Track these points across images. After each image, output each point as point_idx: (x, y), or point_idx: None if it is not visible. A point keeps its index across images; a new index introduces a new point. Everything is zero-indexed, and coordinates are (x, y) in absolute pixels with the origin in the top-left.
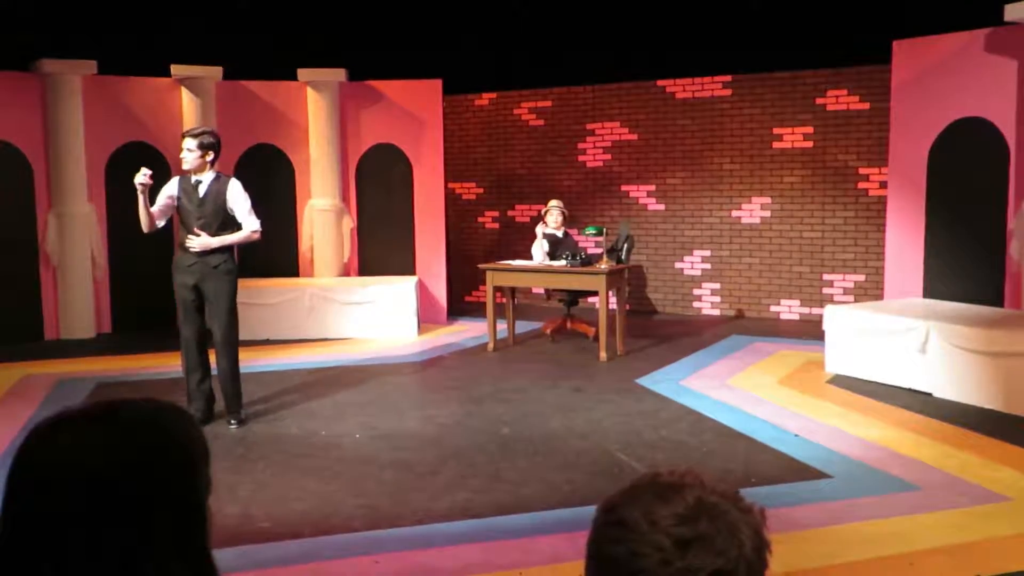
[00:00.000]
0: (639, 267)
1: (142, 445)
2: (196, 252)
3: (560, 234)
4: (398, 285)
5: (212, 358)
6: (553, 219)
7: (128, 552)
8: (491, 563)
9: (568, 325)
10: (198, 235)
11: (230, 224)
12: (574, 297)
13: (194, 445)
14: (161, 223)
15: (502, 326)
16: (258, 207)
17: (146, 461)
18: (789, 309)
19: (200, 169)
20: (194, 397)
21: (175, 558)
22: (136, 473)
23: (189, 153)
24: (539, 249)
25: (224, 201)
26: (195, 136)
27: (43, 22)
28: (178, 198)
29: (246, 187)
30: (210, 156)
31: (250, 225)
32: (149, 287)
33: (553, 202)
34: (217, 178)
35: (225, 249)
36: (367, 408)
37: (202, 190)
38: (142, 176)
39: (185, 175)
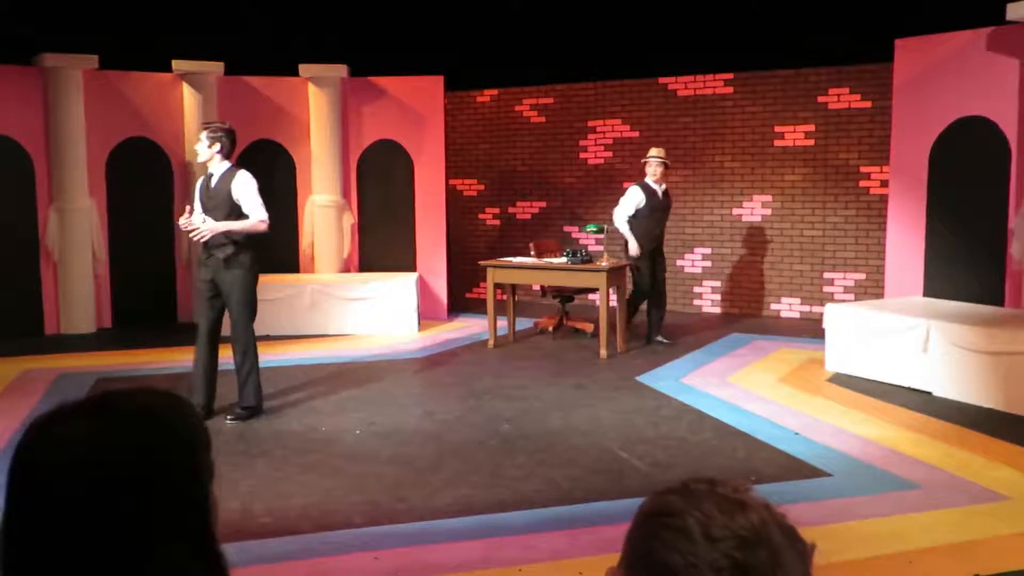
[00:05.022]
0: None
1: (141, 435)
2: (211, 246)
3: (661, 191)
4: (399, 281)
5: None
6: (652, 171)
7: (131, 543)
8: (491, 559)
9: (565, 322)
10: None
11: (239, 216)
12: (569, 293)
13: (194, 433)
14: None
15: (502, 323)
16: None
17: (146, 451)
18: (790, 307)
19: (210, 160)
20: (195, 388)
21: (180, 547)
22: (136, 463)
23: (199, 144)
24: (625, 214)
25: (229, 191)
26: (204, 128)
27: (45, 16)
28: (200, 191)
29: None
30: (216, 147)
31: (256, 215)
32: (149, 282)
33: (653, 151)
34: (229, 170)
35: (237, 243)
36: (367, 404)
37: (214, 182)
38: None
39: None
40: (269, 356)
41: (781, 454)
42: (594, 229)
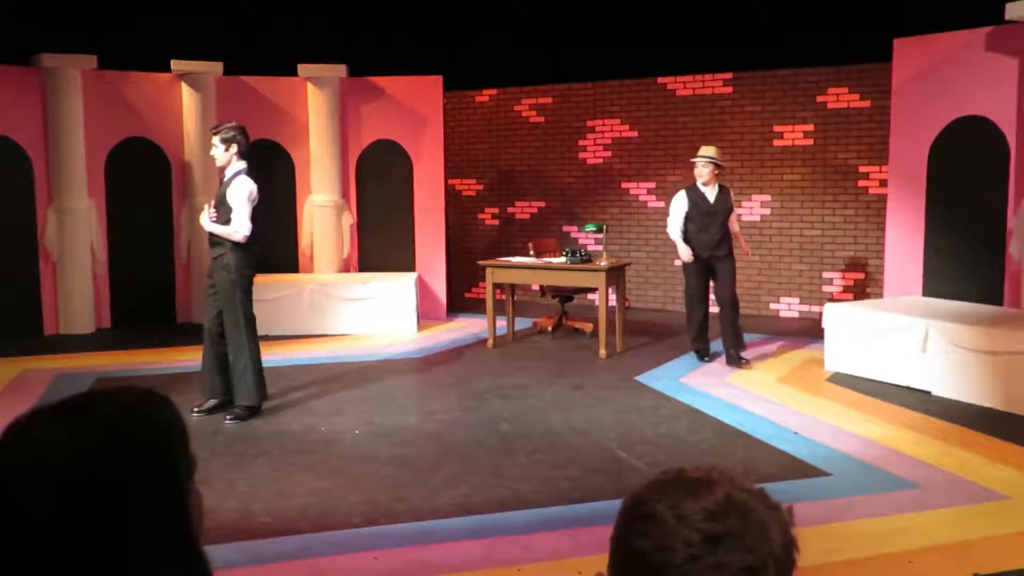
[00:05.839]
0: (640, 264)
1: (119, 436)
2: (210, 246)
3: (713, 194)
4: (398, 281)
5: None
6: (698, 173)
7: (109, 544)
8: (490, 559)
9: (564, 321)
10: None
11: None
12: (568, 293)
13: (170, 429)
14: None
15: (502, 323)
16: (258, 204)
17: (124, 451)
18: (789, 307)
19: (229, 163)
20: (204, 385)
21: (159, 548)
22: (114, 464)
23: (214, 150)
24: (675, 224)
25: (225, 194)
26: (216, 132)
27: (44, 16)
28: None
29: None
30: (234, 148)
31: (235, 224)
32: (149, 282)
33: (702, 150)
34: (236, 173)
35: (224, 243)
36: (366, 404)
37: (224, 181)
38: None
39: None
40: (269, 356)
41: (781, 454)
42: (593, 229)
